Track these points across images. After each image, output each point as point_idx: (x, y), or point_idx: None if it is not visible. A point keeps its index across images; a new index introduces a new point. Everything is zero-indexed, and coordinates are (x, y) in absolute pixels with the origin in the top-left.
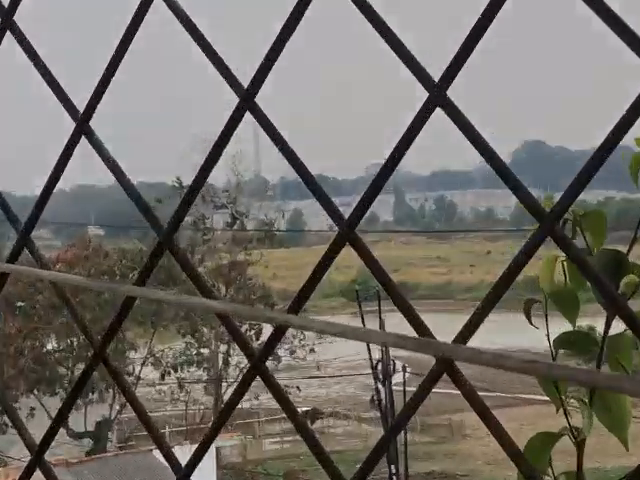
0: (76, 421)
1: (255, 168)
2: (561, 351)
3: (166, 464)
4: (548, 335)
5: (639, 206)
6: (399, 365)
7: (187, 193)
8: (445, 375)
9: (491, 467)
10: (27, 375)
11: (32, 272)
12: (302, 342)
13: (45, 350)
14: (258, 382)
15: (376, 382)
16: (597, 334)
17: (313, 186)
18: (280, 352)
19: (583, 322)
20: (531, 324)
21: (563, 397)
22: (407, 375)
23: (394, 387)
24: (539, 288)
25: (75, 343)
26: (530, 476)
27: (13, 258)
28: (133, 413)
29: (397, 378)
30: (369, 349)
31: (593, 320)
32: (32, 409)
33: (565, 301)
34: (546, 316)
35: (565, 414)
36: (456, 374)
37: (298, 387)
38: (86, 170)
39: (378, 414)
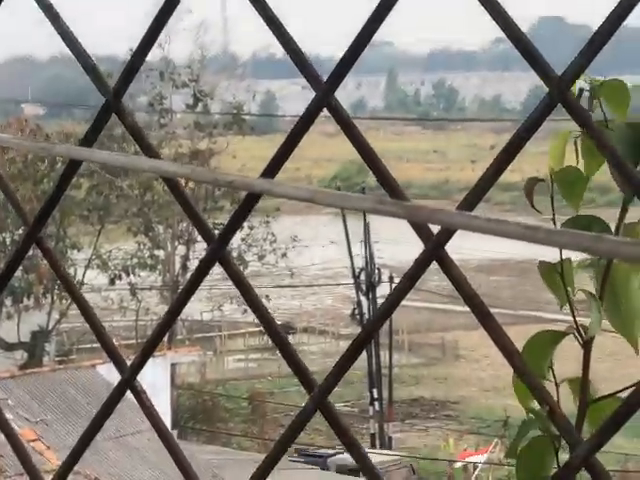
0: (8, 330)
1: (223, 41)
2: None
3: (110, 381)
4: (554, 218)
5: None
6: (385, 275)
7: (135, 51)
8: (439, 299)
9: (487, 394)
10: None
11: None
12: (273, 245)
13: None
14: (222, 291)
15: (358, 293)
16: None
17: (291, 46)
18: (247, 257)
19: None
20: (533, 207)
21: (569, 289)
22: (385, 276)
23: (379, 300)
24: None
25: (8, 240)
26: (528, 380)
27: None
28: (74, 324)
29: (382, 290)
30: (351, 255)
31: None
32: None
33: (570, 181)
34: (552, 198)
35: (571, 308)
36: (445, 258)
37: (267, 296)
38: (23, 38)
39: (359, 330)
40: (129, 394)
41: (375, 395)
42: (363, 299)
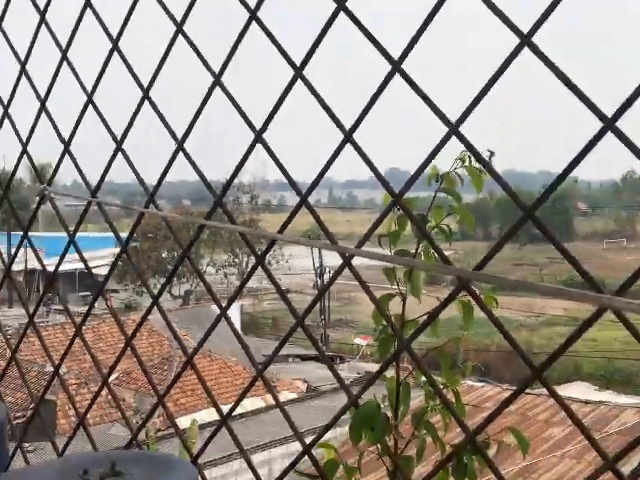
0: (174, 290)
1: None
2: None
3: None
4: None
5: None
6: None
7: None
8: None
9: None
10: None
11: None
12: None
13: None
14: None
15: (316, 276)
16: None
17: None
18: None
19: None
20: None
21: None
22: (331, 275)
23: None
24: None
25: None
26: (380, 311)
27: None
28: (201, 288)
29: (326, 276)
30: (314, 261)
31: None
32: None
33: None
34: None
35: (397, 285)
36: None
37: (280, 279)
38: None
39: (316, 291)
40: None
41: (321, 317)
42: (318, 279)
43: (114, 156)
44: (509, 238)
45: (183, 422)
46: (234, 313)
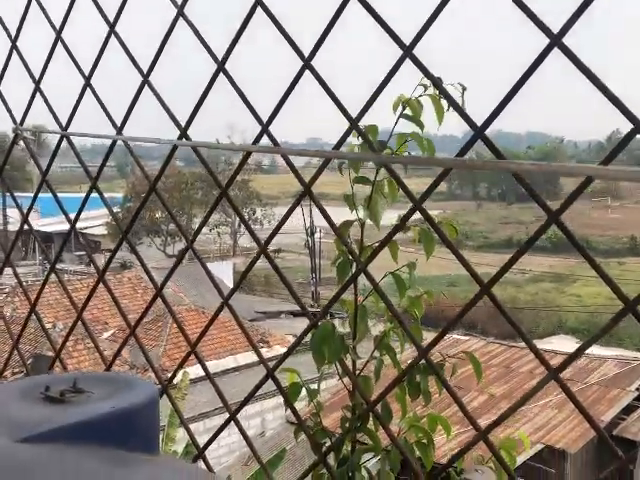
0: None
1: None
2: None
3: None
4: None
5: None
6: (318, 230)
7: None
8: None
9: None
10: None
11: None
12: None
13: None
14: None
15: (307, 235)
16: None
17: None
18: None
19: None
20: None
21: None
22: (322, 235)
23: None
24: None
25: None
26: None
27: None
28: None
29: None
30: (305, 221)
31: None
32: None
33: None
34: None
35: (352, 188)
36: None
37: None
38: None
39: (307, 251)
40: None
41: (312, 275)
42: (309, 239)
43: (82, 92)
44: (531, 246)
45: (179, 376)
46: (227, 271)
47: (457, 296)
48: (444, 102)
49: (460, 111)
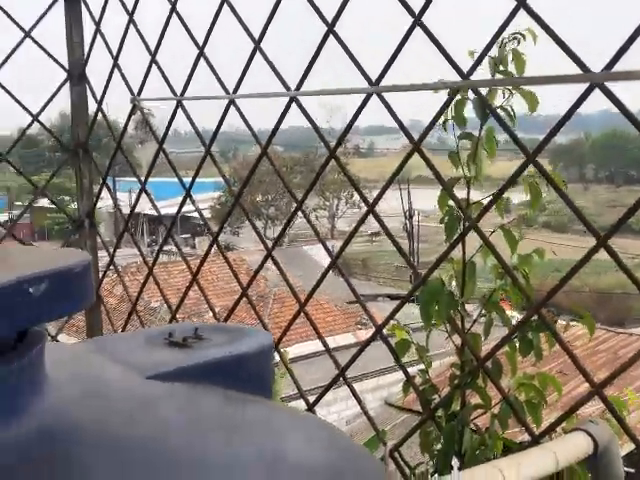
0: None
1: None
2: None
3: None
4: None
5: None
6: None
7: None
8: None
9: None
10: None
11: None
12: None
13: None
14: None
15: (405, 218)
16: None
17: None
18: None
19: None
20: None
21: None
22: (421, 217)
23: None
24: None
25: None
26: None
27: None
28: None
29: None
30: (403, 205)
31: None
32: None
33: None
34: None
35: (457, 145)
36: None
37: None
38: None
39: (405, 234)
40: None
41: (411, 258)
42: (407, 222)
43: (197, 61)
44: (583, 265)
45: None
46: (325, 254)
47: None
48: None
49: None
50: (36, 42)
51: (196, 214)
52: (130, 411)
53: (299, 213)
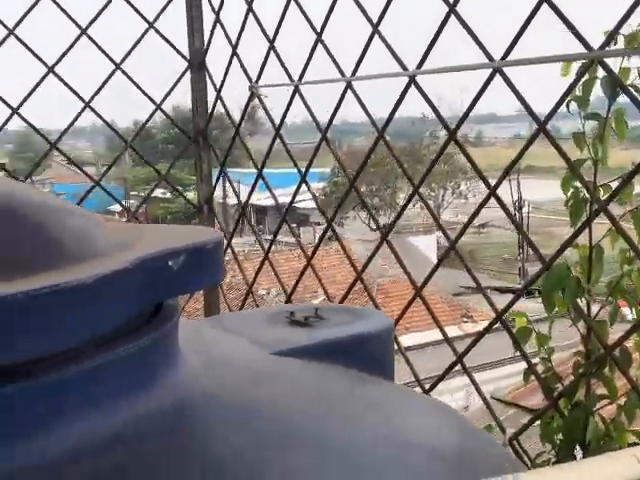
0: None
1: None
2: None
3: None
4: None
5: None
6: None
7: None
8: None
9: None
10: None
11: None
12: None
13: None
14: None
15: (514, 209)
16: None
17: None
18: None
19: None
20: None
21: None
22: (530, 209)
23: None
24: None
25: None
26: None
27: None
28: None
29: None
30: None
31: None
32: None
33: None
34: None
35: (582, 125)
36: None
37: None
38: None
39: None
40: None
41: (520, 251)
42: (517, 212)
43: (314, 47)
44: None
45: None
46: (430, 245)
47: None
48: None
49: None
50: (159, 33)
51: (300, 205)
52: (259, 385)
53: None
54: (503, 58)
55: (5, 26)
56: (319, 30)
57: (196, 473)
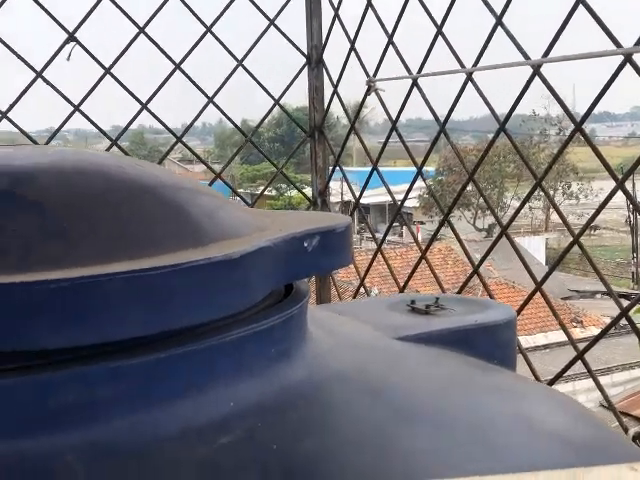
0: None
1: None
2: None
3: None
4: None
5: None
6: None
7: None
8: None
9: None
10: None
11: None
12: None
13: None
14: None
15: (629, 211)
16: None
17: None
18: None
19: None
20: None
21: None
22: None
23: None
24: None
25: None
26: None
27: None
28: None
29: None
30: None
31: None
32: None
33: None
34: None
35: None
36: None
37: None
38: None
39: (628, 228)
40: None
41: (634, 254)
42: (631, 215)
43: (434, 39)
44: None
45: None
46: (539, 246)
47: None
48: None
49: None
50: (279, 30)
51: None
52: (386, 365)
53: (514, 203)
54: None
55: (136, 25)
56: (439, 23)
57: (335, 444)
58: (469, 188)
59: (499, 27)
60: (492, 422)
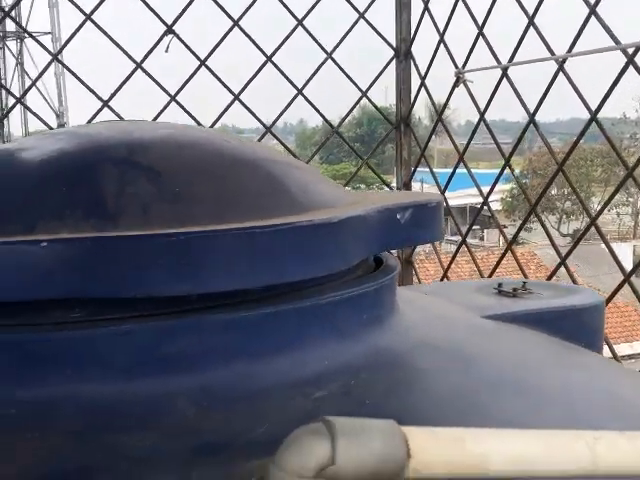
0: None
1: None
2: None
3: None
4: None
5: None
6: None
7: None
8: None
9: None
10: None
11: None
12: None
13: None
14: None
15: None
16: None
17: None
18: None
19: None
20: None
21: None
22: None
23: None
24: None
25: None
26: None
27: None
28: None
29: None
30: None
31: None
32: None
33: None
34: None
35: None
36: None
37: None
38: None
39: None
40: None
41: None
42: None
43: (525, 31)
44: None
45: None
46: (626, 254)
47: None
48: None
49: None
50: (369, 23)
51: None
52: (472, 339)
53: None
54: None
55: (231, 18)
56: (531, 13)
57: (422, 404)
58: (553, 192)
59: (592, 16)
60: (577, 390)
